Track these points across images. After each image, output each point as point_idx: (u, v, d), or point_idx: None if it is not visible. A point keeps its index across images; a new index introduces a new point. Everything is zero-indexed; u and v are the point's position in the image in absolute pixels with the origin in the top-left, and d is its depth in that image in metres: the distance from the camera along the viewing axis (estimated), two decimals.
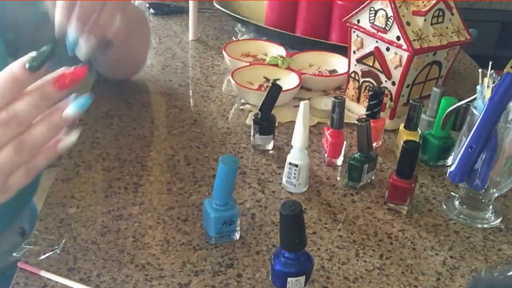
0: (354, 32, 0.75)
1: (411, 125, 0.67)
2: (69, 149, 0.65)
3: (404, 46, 0.68)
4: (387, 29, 0.69)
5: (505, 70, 0.52)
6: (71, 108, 0.41)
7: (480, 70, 0.55)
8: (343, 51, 0.82)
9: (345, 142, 0.66)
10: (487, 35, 1.80)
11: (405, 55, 0.69)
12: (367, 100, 0.71)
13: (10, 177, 0.42)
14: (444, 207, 0.61)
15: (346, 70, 0.80)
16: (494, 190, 0.57)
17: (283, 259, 0.46)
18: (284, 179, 0.62)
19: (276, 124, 0.70)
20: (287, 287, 0.46)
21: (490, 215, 0.59)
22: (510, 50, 1.79)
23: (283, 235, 0.45)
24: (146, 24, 0.81)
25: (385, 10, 0.69)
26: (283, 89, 0.69)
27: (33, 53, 0.39)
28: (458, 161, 0.54)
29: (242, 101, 0.81)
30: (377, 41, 0.72)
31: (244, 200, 0.60)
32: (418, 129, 0.68)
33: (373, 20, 0.71)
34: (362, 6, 0.72)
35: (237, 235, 0.54)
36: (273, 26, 0.97)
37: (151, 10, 1.17)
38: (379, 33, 0.71)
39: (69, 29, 0.50)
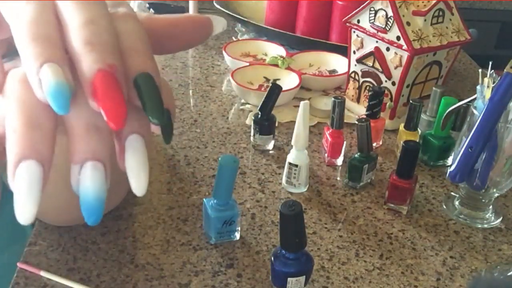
0: (354, 32, 0.75)
1: (411, 125, 0.67)
2: None
3: (404, 46, 0.68)
4: (387, 29, 0.69)
5: (505, 70, 0.52)
6: None
7: (480, 70, 0.55)
8: (343, 51, 0.82)
9: (345, 142, 0.66)
10: (487, 35, 1.80)
11: (405, 55, 0.69)
12: (367, 100, 0.71)
13: None
14: (444, 207, 0.61)
15: (346, 70, 0.80)
16: (494, 190, 0.57)
17: (283, 259, 0.46)
18: (284, 179, 0.62)
19: (276, 124, 0.70)
20: (287, 287, 0.46)
21: (490, 215, 0.59)
22: (510, 50, 1.79)
23: (283, 235, 0.45)
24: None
25: (385, 10, 0.69)
26: (283, 89, 0.69)
27: None
28: (458, 161, 0.54)
29: (242, 101, 0.81)
30: (377, 41, 0.72)
31: (244, 200, 0.60)
32: (418, 129, 0.68)
33: (373, 20, 0.71)
34: (362, 6, 0.72)
35: (237, 235, 0.54)
36: (273, 26, 0.97)
37: (151, 10, 1.17)
38: (379, 33, 0.71)
39: None
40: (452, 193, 0.62)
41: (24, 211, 0.24)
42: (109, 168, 0.26)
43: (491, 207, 0.59)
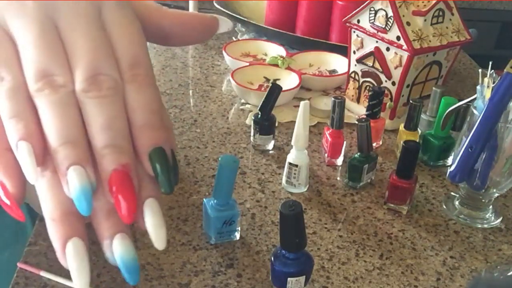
0: (354, 32, 0.75)
1: (411, 125, 0.67)
2: None
3: (404, 46, 0.68)
4: (387, 29, 0.69)
5: (505, 70, 0.52)
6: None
7: (480, 70, 0.55)
8: (343, 51, 0.82)
9: (345, 142, 0.66)
10: (487, 35, 1.80)
11: (405, 55, 0.69)
12: (367, 100, 0.71)
13: None
14: (444, 207, 0.61)
15: (346, 70, 0.80)
16: (494, 190, 0.57)
17: (283, 259, 0.46)
18: (284, 179, 0.62)
19: (276, 124, 0.70)
20: (287, 287, 0.46)
21: (490, 215, 0.59)
22: (510, 50, 1.79)
23: (283, 235, 0.45)
24: None
25: (385, 10, 0.69)
26: (283, 89, 0.69)
27: None
28: (458, 161, 0.54)
29: (242, 101, 0.81)
30: (377, 41, 0.72)
31: (244, 200, 0.60)
32: (418, 129, 0.68)
33: (373, 20, 0.71)
34: (362, 6, 0.72)
35: (237, 235, 0.54)
36: (273, 26, 0.97)
37: None
38: (379, 33, 0.71)
39: None
40: (452, 193, 0.62)
41: (81, 281, 0.29)
42: (131, 235, 0.31)
43: (491, 207, 0.59)
